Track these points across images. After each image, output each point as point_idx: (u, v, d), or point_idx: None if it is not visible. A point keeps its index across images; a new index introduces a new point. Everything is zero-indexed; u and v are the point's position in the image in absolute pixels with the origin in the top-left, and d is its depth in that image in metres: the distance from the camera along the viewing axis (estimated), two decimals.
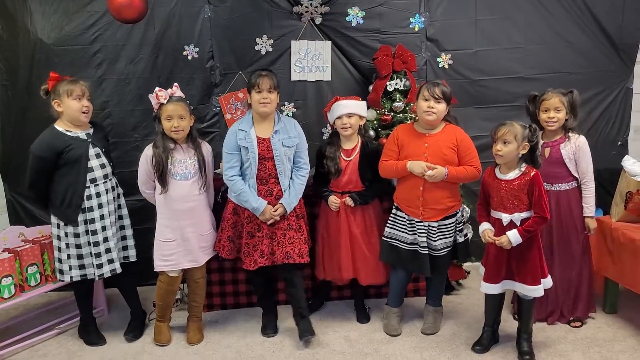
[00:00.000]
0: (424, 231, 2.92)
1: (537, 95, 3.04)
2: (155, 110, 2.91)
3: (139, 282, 3.37)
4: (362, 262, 3.15)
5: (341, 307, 3.49)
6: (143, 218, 3.32)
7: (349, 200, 3.10)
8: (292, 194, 2.99)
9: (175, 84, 2.97)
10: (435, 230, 2.92)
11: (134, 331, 3.18)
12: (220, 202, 3.28)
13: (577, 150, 3.01)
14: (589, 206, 3.06)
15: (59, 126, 2.90)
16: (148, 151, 2.92)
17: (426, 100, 2.85)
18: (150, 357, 2.96)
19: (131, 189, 3.68)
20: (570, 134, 3.02)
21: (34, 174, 2.87)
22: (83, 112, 2.89)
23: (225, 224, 3.04)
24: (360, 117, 3.14)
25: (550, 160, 2.99)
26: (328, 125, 3.39)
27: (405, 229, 2.96)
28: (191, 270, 3.05)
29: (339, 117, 3.09)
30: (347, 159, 3.13)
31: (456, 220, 3.00)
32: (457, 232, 3.02)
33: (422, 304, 3.26)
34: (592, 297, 3.19)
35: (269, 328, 3.18)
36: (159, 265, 2.97)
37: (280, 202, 2.96)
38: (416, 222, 2.93)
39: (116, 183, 3.08)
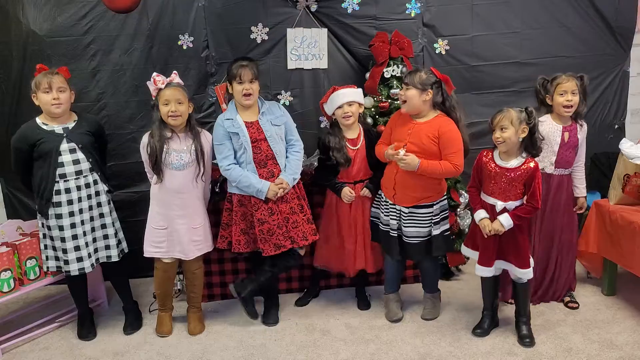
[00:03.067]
0: (395, 214, 2.94)
1: (547, 80, 3.01)
2: (153, 98, 2.88)
3: (134, 275, 3.36)
4: (370, 250, 3.17)
5: (341, 295, 3.50)
6: (140, 210, 3.31)
7: (366, 192, 3.10)
8: (289, 170, 2.99)
9: (175, 71, 2.93)
10: (406, 216, 2.92)
11: (132, 325, 3.17)
12: (218, 192, 3.27)
13: (585, 135, 3.08)
14: (584, 187, 3.16)
15: (39, 118, 2.89)
16: (144, 139, 2.90)
17: (400, 90, 2.89)
18: (152, 348, 2.97)
19: (127, 181, 3.69)
20: (579, 120, 3.04)
21: (14, 163, 2.94)
22: (53, 105, 2.81)
23: (235, 218, 2.98)
24: (360, 104, 3.13)
25: (570, 145, 3.01)
26: (325, 117, 3.34)
27: (381, 208, 3.02)
28: (187, 262, 3.04)
29: (340, 107, 3.07)
30: (354, 148, 3.12)
31: (432, 212, 2.92)
32: (433, 225, 2.93)
33: (421, 290, 3.27)
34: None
35: (271, 317, 3.19)
36: (149, 251, 2.97)
37: (280, 177, 2.96)
38: (390, 204, 2.96)
39: (97, 180, 2.95)
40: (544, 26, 3.85)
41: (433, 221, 2.94)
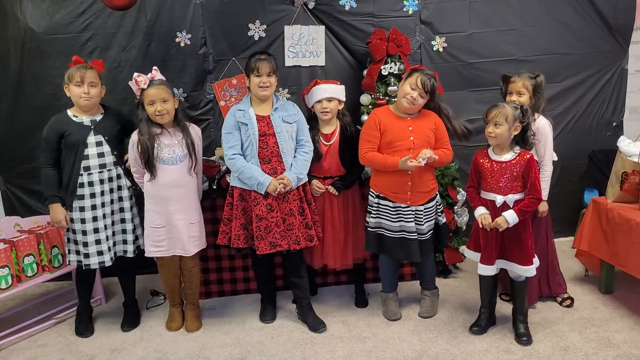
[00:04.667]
0: (411, 216, 2.92)
1: (508, 76, 3.02)
2: (137, 97, 2.88)
3: (137, 271, 3.36)
4: (339, 246, 3.16)
5: (339, 292, 3.50)
6: (140, 206, 3.29)
7: (331, 189, 3.08)
8: (295, 169, 2.94)
9: (155, 67, 2.93)
10: (422, 214, 2.93)
11: (130, 322, 3.18)
12: (215, 189, 3.27)
13: (535, 132, 2.93)
14: (544, 189, 2.96)
15: (70, 110, 2.94)
16: (134, 137, 2.89)
17: (412, 89, 2.83)
18: (149, 345, 2.97)
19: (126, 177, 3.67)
20: (532, 116, 2.94)
21: (41, 153, 2.92)
22: (82, 98, 2.85)
23: (236, 212, 2.96)
24: (340, 101, 3.13)
25: None
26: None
27: (390, 216, 2.95)
28: (184, 260, 3.04)
29: (319, 101, 3.07)
30: (327, 143, 3.12)
31: (436, 202, 3.03)
32: (439, 214, 3.05)
33: (419, 288, 3.27)
34: (558, 276, 3.21)
35: (268, 314, 3.19)
36: (150, 251, 2.97)
37: (284, 174, 2.91)
38: (402, 208, 2.92)
39: (120, 174, 3.00)
40: (542, 23, 3.85)
41: (438, 211, 3.04)
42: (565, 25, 3.87)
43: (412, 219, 2.92)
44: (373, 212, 3.01)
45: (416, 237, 2.93)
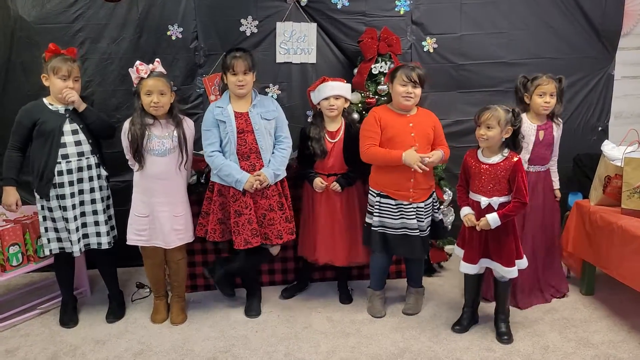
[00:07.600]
0: (413, 213, 2.93)
1: (528, 79, 3.07)
2: (135, 85, 2.88)
3: (121, 264, 3.35)
4: (342, 243, 3.18)
5: (324, 289, 3.52)
6: (126, 199, 3.29)
7: (336, 186, 3.10)
8: (272, 165, 2.98)
9: (157, 59, 2.94)
10: (423, 211, 2.97)
11: (114, 313, 3.18)
12: (203, 183, 3.27)
13: (560, 133, 3.17)
14: (557, 180, 3.29)
15: (46, 98, 2.93)
16: (125, 125, 2.90)
17: (404, 85, 2.87)
18: (133, 337, 2.97)
19: (113, 169, 3.64)
20: (555, 119, 3.12)
21: (11, 135, 2.91)
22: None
23: (213, 207, 2.99)
24: (346, 99, 3.15)
25: (545, 143, 3.09)
26: (310, 105, 3.35)
27: (392, 213, 2.96)
28: (171, 252, 3.04)
29: (326, 98, 3.09)
30: (332, 141, 3.14)
31: (433, 199, 3.06)
32: (435, 211, 3.08)
33: (403, 286, 3.31)
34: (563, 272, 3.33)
35: (253, 309, 3.20)
36: (131, 239, 2.98)
37: (260, 170, 2.95)
38: (404, 205, 2.94)
39: (97, 163, 2.99)
40: (531, 27, 3.89)
41: (434, 207, 3.07)
42: (554, 30, 3.91)
43: (414, 216, 2.94)
44: (375, 211, 3.00)
45: (418, 233, 2.95)
